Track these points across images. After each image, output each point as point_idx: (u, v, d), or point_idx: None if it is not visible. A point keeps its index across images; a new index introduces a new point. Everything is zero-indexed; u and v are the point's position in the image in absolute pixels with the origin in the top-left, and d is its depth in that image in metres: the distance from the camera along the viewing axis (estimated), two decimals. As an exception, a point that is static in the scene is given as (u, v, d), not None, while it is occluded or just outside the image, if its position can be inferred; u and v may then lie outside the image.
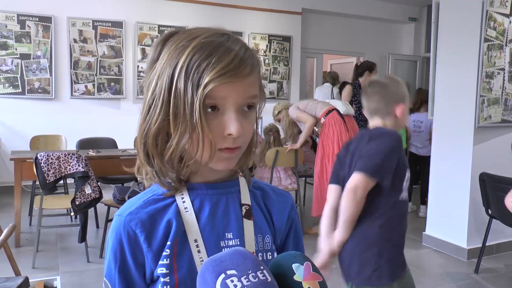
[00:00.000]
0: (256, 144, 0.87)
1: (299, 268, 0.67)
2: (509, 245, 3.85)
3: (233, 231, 0.76)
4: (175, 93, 0.68)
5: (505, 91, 3.74)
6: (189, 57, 0.68)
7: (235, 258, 0.63)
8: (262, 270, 0.62)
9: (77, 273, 3.26)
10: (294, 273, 0.66)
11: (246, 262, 0.63)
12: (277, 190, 0.86)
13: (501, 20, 3.61)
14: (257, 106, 0.75)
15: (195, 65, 0.67)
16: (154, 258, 0.72)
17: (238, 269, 0.61)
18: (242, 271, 0.61)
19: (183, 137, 0.70)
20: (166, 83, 0.69)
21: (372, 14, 8.09)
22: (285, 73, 7.45)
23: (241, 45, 0.71)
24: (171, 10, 6.52)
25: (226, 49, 0.68)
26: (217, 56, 0.67)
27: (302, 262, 0.68)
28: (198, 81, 0.67)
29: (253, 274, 0.61)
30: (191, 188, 0.77)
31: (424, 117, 5.01)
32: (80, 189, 3.40)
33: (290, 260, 0.68)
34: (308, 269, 0.67)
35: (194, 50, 0.68)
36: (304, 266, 0.67)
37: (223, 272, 0.61)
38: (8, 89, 5.74)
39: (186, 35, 0.71)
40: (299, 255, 0.69)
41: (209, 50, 0.68)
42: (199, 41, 0.69)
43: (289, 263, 0.68)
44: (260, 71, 0.76)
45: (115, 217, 0.76)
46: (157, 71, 0.71)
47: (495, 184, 3.25)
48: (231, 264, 0.62)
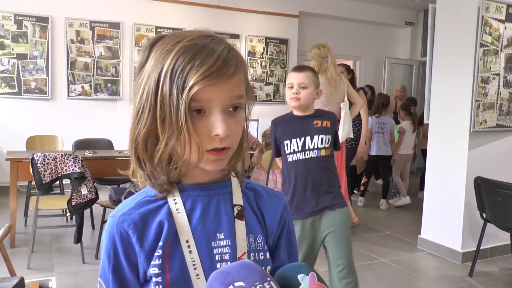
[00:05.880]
0: (250, 144, 0.88)
1: (305, 279, 0.68)
2: (504, 248, 3.87)
3: (224, 232, 0.77)
4: (161, 97, 0.69)
5: (500, 96, 3.76)
6: (174, 61, 0.69)
7: (242, 270, 0.64)
8: (269, 282, 0.63)
9: (72, 274, 3.25)
10: (300, 284, 0.67)
11: (253, 274, 0.63)
12: (270, 191, 0.87)
13: (497, 26, 3.65)
14: (244, 106, 0.76)
15: (179, 69, 0.68)
16: (147, 258, 0.73)
17: (245, 280, 0.62)
18: (250, 282, 0.62)
19: (170, 140, 0.71)
20: (152, 88, 0.70)
21: (369, 18, 8.13)
22: (281, 75, 7.47)
23: (224, 46, 0.72)
24: (169, 11, 6.53)
25: (209, 51, 0.69)
26: (200, 58, 0.68)
27: (307, 273, 0.69)
28: (183, 85, 0.68)
29: (261, 285, 0.62)
30: (183, 189, 0.78)
31: (387, 119, 5.60)
32: (76, 189, 3.39)
33: (295, 271, 0.69)
34: (313, 280, 0.68)
35: (178, 54, 0.69)
36: (309, 276, 0.68)
37: (231, 284, 0.62)
38: (5, 89, 5.72)
39: (171, 39, 0.73)
40: (303, 266, 0.71)
41: (193, 53, 0.69)
42: (183, 44, 0.70)
43: (294, 274, 0.69)
44: (246, 71, 0.77)
45: (109, 218, 0.77)
46: (144, 76, 0.73)
47: (490, 188, 3.28)
48: (238, 276, 0.63)
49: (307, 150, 2.23)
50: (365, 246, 4.10)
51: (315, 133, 2.22)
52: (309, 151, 2.22)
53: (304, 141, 2.23)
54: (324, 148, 2.22)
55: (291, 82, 2.25)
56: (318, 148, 2.22)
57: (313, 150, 2.22)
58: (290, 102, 2.26)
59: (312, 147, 2.22)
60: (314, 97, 2.28)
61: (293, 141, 2.24)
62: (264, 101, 7.31)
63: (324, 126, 2.24)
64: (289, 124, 2.30)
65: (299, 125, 2.26)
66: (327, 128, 2.24)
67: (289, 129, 2.28)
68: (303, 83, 2.22)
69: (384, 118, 5.59)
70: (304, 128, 2.25)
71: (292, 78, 2.26)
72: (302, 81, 2.23)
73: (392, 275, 3.44)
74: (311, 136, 2.22)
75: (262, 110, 6.65)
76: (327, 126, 2.24)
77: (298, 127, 2.26)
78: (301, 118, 2.28)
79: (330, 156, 2.26)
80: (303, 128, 2.25)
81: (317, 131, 2.22)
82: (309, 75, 2.26)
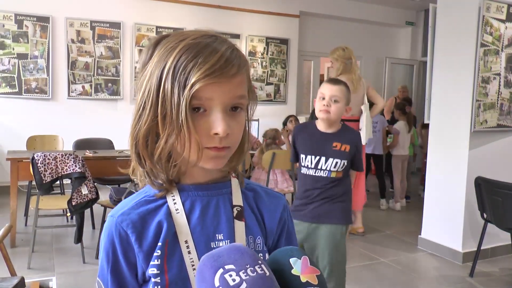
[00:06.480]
0: (251, 145, 0.87)
1: (297, 263, 0.67)
2: (504, 249, 3.87)
3: (223, 232, 0.77)
4: (163, 94, 0.70)
5: (501, 96, 3.76)
6: (176, 59, 0.69)
7: (233, 253, 0.64)
8: (260, 265, 0.63)
9: (72, 274, 3.25)
10: (292, 267, 0.67)
11: (243, 257, 0.63)
12: (269, 192, 0.87)
13: (497, 26, 3.64)
14: (246, 107, 0.76)
15: (182, 66, 0.68)
16: (145, 258, 0.73)
17: (236, 263, 0.62)
18: (240, 265, 0.62)
19: (170, 137, 0.71)
20: (154, 85, 0.71)
21: (369, 18, 8.13)
22: (282, 75, 7.47)
23: (228, 45, 0.72)
24: (169, 11, 6.52)
25: (212, 50, 0.69)
26: (203, 56, 0.68)
27: (299, 257, 0.68)
28: (185, 82, 0.68)
29: (251, 268, 0.61)
30: (182, 189, 0.77)
31: (378, 117, 5.61)
32: (76, 189, 3.39)
33: (287, 255, 0.69)
34: (306, 263, 0.68)
35: (181, 52, 0.69)
36: (301, 260, 0.68)
37: (221, 267, 0.61)
38: (5, 88, 5.72)
39: (175, 37, 0.73)
40: (296, 250, 0.70)
41: (196, 51, 0.69)
42: (187, 42, 0.70)
43: (286, 258, 0.68)
44: (249, 72, 0.77)
45: (108, 218, 0.77)
46: (147, 73, 0.73)
47: (490, 188, 3.27)
48: (229, 259, 0.62)
49: (319, 169, 2.23)
50: (365, 246, 4.10)
51: (331, 156, 2.19)
52: (321, 171, 2.23)
53: (319, 161, 2.22)
54: (336, 171, 2.21)
55: (323, 93, 2.20)
56: (330, 170, 2.21)
57: (324, 170, 2.22)
58: (319, 114, 2.21)
59: (325, 168, 2.22)
60: (343, 113, 2.24)
61: (308, 157, 2.25)
62: (265, 101, 7.30)
63: (342, 150, 2.21)
64: (310, 137, 2.28)
65: (318, 142, 2.23)
66: (345, 152, 2.21)
67: (308, 143, 2.27)
68: (336, 96, 2.17)
69: (376, 117, 5.54)
70: (322, 147, 2.22)
71: (325, 90, 2.20)
72: (335, 94, 2.17)
73: (393, 275, 3.44)
74: (327, 157, 2.20)
75: (262, 110, 6.65)
76: (345, 150, 2.21)
77: (316, 144, 2.24)
78: (322, 134, 2.24)
79: (342, 177, 2.25)
80: (321, 147, 2.22)
81: (333, 154, 2.20)
82: (343, 90, 2.20)
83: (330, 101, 2.16)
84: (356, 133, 2.37)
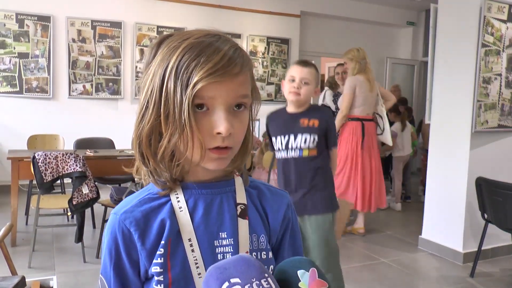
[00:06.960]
0: (253, 145, 0.87)
1: (305, 275, 0.66)
2: (505, 249, 3.87)
3: (227, 231, 0.76)
4: (166, 93, 0.70)
5: (502, 96, 3.76)
6: (179, 58, 0.69)
7: (239, 265, 0.63)
8: (266, 278, 0.62)
9: (73, 273, 3.25)
10: (299, 280, 0.66)
11: (250, 270, 0.62)
12: (273, 190, 0.86)
13: (499, 26, 3.64)
14: (249, 106, 0.76)
15: (184, 65, 0.68)
16: (148, 256, 0.73)
17: (242, 277, 0.61)
18: (246, 279, 0.61)
19: (173, 136, 0.71)
20: (158, 84, 0.71)
21: (370, 18, 8.12)
22: (283, 75, 7.46)
23: (231, 45, 0.72)
24: (170, 11, 6.52)
25: (215, 49, 0.69)
26: (206, 55, 0.68)
27: (307, 269, 0.67)
28: (187, 81, 0.68)
29: (257, 282, 0.61)
30: (186, 187, 0.77)
31: None
32: (77, 189, 3.40)
33: (295, 267, 0.68)
34: (314, 276, 0.66)
35: (184, 51, 0.69)
36: (309, 272, 0.67)
37: (226, 280, 0.61)
38: (6, 88, 5.73)
39: (178, 37, 0.73)
40: (304, 261, 0.69)
41: (198, 50, 0.69)
42: (190, 41, 0.70)
43: (294, 270, 0.67)
44: (252, 71, 0.76)
45: (110, 215, 0.77)
46: (151, 72, 0.73)
47: (491, 189, 3.27)
48: (235, 272, 0.62)
49: (289, 149, 2.18)
50: (366, 246, 4.10)
51: (299, 132, 2.14)
52: (291, 151, 2.17)
53: (288, 140, 2.17)
54: (307, 148, 2.14)
55: (293, 76, 2.17)
56: (301, 148, 2.14)
57: (295, 149, 2.16)
58: (288, 96, 2.19)
59: (295, 147, 2.16)
60: (313, 96, 2.22)
61: (278, 139, 2.21)
62: (266, 100, 7.30)
63: (310, 125, 2.14)
64: (279, 120, 2.25)
65: (287, 122, 2.19)
66: (313, 127, 2.14)
67: (278, 125, 2.24)
68: (306, 79, 2.15)
69: None
70: (290, 126, 2.17)
71: (295, 72, 2.18)
72: (305, 77, 2.15)
73: (393, 275, 3.44)
74: (295, 135, 2.15)
75: (263, 110, 6.51)
76: (313, 125, 2.14)
77: (285, 124, 2.19)
78: (291, 115, 2.20)
79: (316, 157, 2.17)
80: (289, 126, 2.18)
81: (301, 130, 2.14)
82: (313, 72, 2.17)
83: (301, 83, 2.14)
84: (325, 110, 2.34)
